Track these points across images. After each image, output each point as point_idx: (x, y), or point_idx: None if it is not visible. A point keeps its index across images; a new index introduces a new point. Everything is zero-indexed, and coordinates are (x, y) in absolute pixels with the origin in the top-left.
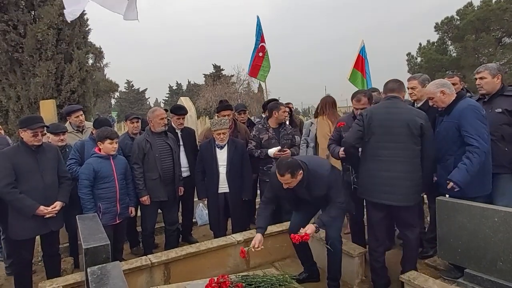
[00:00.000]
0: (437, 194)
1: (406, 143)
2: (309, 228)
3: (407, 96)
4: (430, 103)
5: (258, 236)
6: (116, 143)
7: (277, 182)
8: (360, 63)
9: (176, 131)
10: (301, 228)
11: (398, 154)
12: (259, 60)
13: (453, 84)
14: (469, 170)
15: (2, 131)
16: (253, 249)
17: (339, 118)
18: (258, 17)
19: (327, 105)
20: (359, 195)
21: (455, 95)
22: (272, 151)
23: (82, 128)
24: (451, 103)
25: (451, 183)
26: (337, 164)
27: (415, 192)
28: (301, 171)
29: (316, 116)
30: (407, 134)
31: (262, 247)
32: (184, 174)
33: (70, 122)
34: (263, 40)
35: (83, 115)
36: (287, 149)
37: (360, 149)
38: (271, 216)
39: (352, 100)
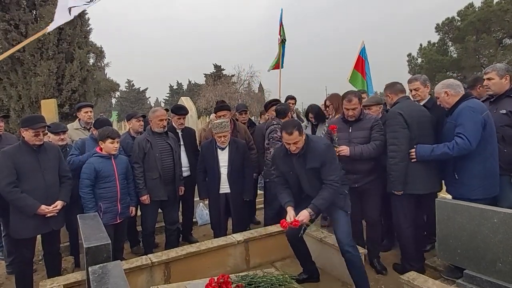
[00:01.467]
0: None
1: (432, 136)
2: (302, 215)
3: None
4: (438, 102)
5: (291, 210)
6: (117, 142)
7: (281, 159)
8: (360, 65)
9: (177, 130)
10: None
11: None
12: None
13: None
14: (433, 151)
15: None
16: (292, 223)
17: (330, 121)
18: (281, 10)
19: (340, 103)
20: (389, 190)
21: (460, 96)
22: None
23: (89, 126)
24: (454, 104)
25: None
26: None
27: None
28: (303, 131)
29: (308, 119)
30: (432, 128)
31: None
32: (184, 174)
33: (79, 119)
34: (279, 32)
35: (92, 113)
36: None
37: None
38: (291, 192)
39: (342, 101)
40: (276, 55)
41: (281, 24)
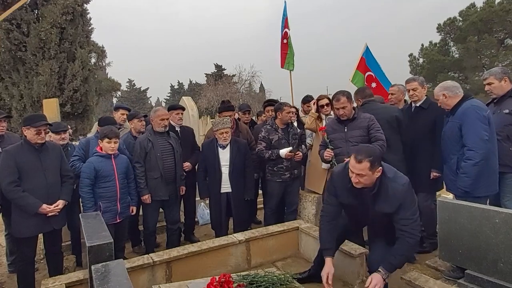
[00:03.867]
0: (434, 191)
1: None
2: (375, 280)
3: (406, 97)
4: (438, 104)
5: (329, 263)
6: (114, 142)
7: (340, 182)
8: (363, 66)
9: (176, 129)
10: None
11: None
12: (285, 48)
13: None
14: (468, 175)
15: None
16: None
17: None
18: (285, 2)
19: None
20: None
21: (460, 96)
22: (284, 151)
23: (119, 126)
24: (456, 104)
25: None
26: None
27: None
28: (380, 168)
29: None
30: (387, 123)
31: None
32: None
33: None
34: (286, 26)
35: (125, 116)
36: (299, 151)
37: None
38: (336, 232)
39: (332, 101)
40: (289, 51)
41: (286, 18)
